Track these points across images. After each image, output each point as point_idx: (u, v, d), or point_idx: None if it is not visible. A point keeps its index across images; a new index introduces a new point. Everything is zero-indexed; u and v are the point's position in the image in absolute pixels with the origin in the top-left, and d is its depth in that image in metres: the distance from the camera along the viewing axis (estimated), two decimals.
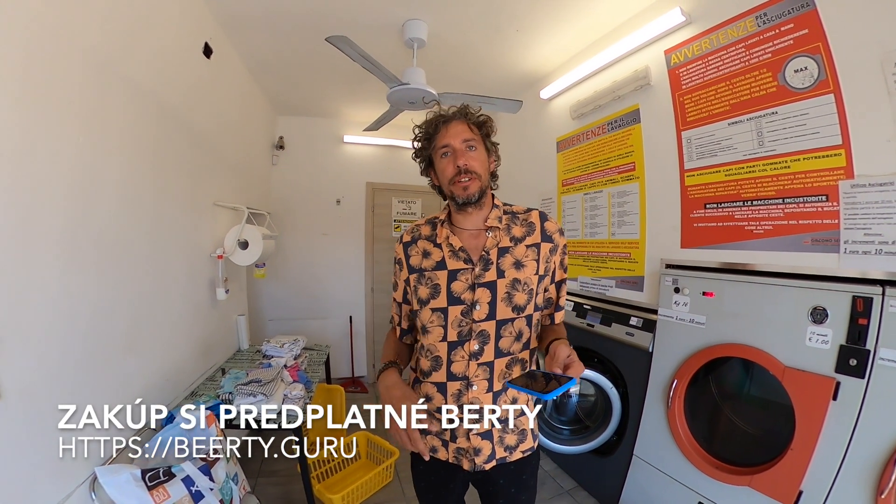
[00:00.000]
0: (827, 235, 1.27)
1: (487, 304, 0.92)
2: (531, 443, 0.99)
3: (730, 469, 1.38)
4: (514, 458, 0.97)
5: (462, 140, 0.93)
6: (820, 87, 1.27)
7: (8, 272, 0.87)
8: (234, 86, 2.32)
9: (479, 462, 0.94)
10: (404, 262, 1.03)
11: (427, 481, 1.07)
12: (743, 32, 1.45)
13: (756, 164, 1.45)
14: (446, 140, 0.93)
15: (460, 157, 0.92)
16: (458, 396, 0.93)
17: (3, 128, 0.84)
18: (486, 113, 1.00)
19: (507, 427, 0.95)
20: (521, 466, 0.99)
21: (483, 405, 0.93)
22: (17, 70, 0.88)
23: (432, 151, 0.97)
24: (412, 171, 4.02)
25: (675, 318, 1.60)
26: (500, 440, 0.95)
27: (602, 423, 1.86)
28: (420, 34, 1.96)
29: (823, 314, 1.18)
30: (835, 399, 1.14)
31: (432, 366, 0.96)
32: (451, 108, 0.97)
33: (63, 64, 1.01)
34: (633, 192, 1.95)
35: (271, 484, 2.03)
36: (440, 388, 0.95)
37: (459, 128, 0.94)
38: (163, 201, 1.57)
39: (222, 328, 2.22)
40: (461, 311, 0.92)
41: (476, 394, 0.92)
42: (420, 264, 0.99)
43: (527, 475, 1.01)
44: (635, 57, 1.88)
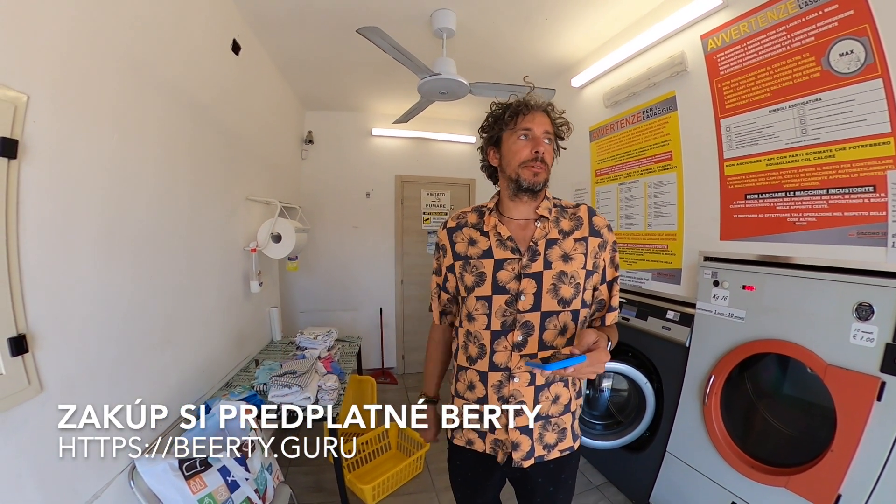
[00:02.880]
0: (874, 228, 1.28)
1: (533, 294, 0.95)
2: (570, 442, 1.02)
3: (766, 469, 1.41)
4: (552, 457, 1.01)
5: (543, 130, 0.98)
6: (867, 71, 1.27)
7: (48, 269, 0.95)
8: (264, 83, 2.48)
9: (517, 458, 0.98)
10: (448, 248, 1.07)
11: (464, 476, 1.12)
12: (784, 15, 1.46)
13: (799, 154, 1.47)
14: (531, 125, 0.98)
15: (539, 145, 0.97)
16: (499, 388, 0.98)
17: (44, 130, 0.94)
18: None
19: (548, 424, 1.00)
20: (560, 465, 1.03)
21: (523, 398, 0.97)
22: (56, 73, 0.97)
23: (507, 131, 1.01)
24: (441, 163, 4.16)
25: (713, 313, 1.64)
26: (539, 437, 0.99)
27: (635, 419, 1.93)
28: (449, 24, 2.05)
29: (869, 310, 1.19)
30: (879, 400, 1.14)
31: (479, 353, 1.00)
32: (542, 98, 1.03)
33: (99, 66, 1.12)
34: (671, 182, 1.99)
35: (302, 473, 2.20)
36: (482, 377, 1.00)
37: (544, 119, 0.99)
38: (197, 197, 1.70)
39: (255, 320, 2.41)
40: (505, 301, 0.96)
41: (517, 386, 0.96)
42: (466, 251, 1.03)
43: (566, 474, 1.05)
44: (670, 42, 1.91)
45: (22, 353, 0.91)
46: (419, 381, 3.63)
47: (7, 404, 0.87)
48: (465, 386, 1.05)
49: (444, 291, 1.11)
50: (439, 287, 1.12)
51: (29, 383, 0.93)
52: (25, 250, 0.91)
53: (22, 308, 0.91)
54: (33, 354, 0.94)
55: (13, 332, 0.89)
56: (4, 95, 0.87)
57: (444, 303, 1.13)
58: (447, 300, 1.13)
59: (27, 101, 0.92)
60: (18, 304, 0.91)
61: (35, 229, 0.93)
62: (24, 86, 0.90)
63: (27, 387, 0.93)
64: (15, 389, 0.90)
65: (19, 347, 0.90)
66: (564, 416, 1.01)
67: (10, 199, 0.90)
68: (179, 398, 1.55)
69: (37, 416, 0.93)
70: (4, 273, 0.87)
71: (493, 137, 1.04)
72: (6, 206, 0.88)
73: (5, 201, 0.88)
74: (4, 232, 0.88)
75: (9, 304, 0.88)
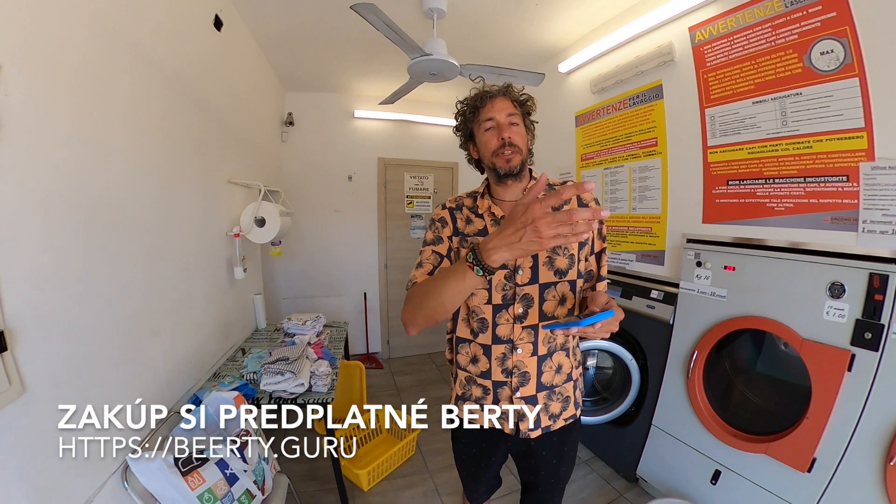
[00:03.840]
0: (846, 215, 1.37)
1: (530, 268, 0.99)
2: (573, 410, 1.06)
3: (747, 437, 1.51)
4: (557, 427, 1.04)
5: (506, 115, 1.00)
6: (845, 70, 1.34)
7: (25, 258, 0.86)
8: (245, 61, 2.31)
9: (524, 429, 1.01)
10: (450, 221, 1.07)
11: (468, 453, 1.15)
12: (770, 12, 1.51)
13: (779, 144, 1.54)
14: (491, 114, 1.00)
15: (504, 131, 0.98)
16: (503, 360, 1.00)
17: (17, 104, 0.83)
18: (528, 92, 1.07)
19: (553, 394, 1.03)
20: (563, 437, 1.07)
21: (527, 369, 1.00)
22: (29, 39, 0.87)
23: (475, 125, 1.04)
24: (424, 146, 4.06)
25: (696, 291, 1.72)
26: (545, 406, 1.02)
27: (620, 395, 2.01)
28: (440, 4, 1.98)
29: (841, 289, 1.28)
30: (849, 370, 1.24)
31: (479, 327, 1.02)
32: (495, 86, 1.04)
33: (71, 32, 0.99)
34: (656, 167, 2.05)
35: (294, 461, 2.15)
36: (486, 350, 1.02)
37: (504, 103, 1.01)
38: (178, 178, 1.57)
39: (239, 308, 2.29)
40: (504, 276, 0.99)
41: (521, 357, 0.99)
42: (464, 229, 1.05)
43: (568, 447, 1.10)
44: (659, 32, 1.94)
45: (1, 351, 0.81)
46: (405, 364, 3.67)
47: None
48: (467, 359, 1.07)
49: (447, 258, 1.04)
50: (438, 255, 1.04)
51: (10, 384, 0.84)
52: (0, 236, 0.81)
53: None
54: (13, 353, 0.84)
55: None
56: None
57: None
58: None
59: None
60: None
61: (9, 214, 0.82)
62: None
63: (8, 388, 0.83)
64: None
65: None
66: (567, 385, 1.05)
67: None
68: (169, 390, 1.47)
69: (20, 419, 0.84)
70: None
71: (466, 133, 1.08)
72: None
73: None
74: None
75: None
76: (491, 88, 1.03)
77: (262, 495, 1.30)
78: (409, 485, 2.04)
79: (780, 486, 1.40)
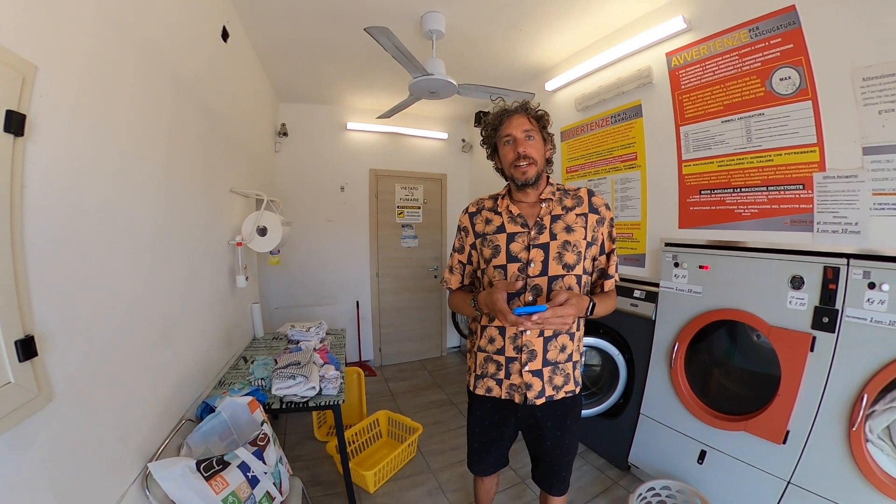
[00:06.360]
0: (803, 218, 1.53)
1: (541, 262, 1.10)
2: (573, 387, 1.18)
3: (727, 418, 1.62)
4: (559, 397, 1.16)
5: (522, 130, 1.11)
6: (800, 94, 1.50)
7: (55, 260, 0.83)
8: (245, 71, 2.28)
9: (531, 397, 1.13)
10: (470, 229, 1.23)
11: (481, 425, 1.25)
12: (737, 42, 1.68)
13: (745, 157, 1.70)
14: (509, 130, 1.12)
15: (520, 146, 1.10)
16: (515, 339, 1.13)
17: (51, 106, 0.81)
18: (544, 109, 1.17)
19: (556, 369, 1.14)
20: (566, 410, 1.18)
21: (534, 347, 1.12)
22: (65, 42, 0.84)
23: (497, 140, 1.16)
24: (414, 158, 4.10)
25: (675, 289, 1.84)
26: (549, 379, 1.14)
27: (609, 388, 2.10)
28: (439, 26, 2.05)
29: (801, 281, 1.42)
30: (812, 350, 1.37)
31: None
32: (514, 104, 1.15)
33: (111, 43, 0.98)
34: (636, 179, 2.18)
35: (298, 468, 2.08)
36: (501, 330, 1.16)
37: (520, 120, 1.12)
38: (188, 187, 1.55)
39: (239, 317, 2.22)
40: (518, 268, 1.11)
41: (529, 338, 1.12)
42: (483, 230, 1.19)
43: (570, 420, 1.20)
44: (639, 57, 2.09)
45: (31, 357, 0.77)
46: (397, 371, 3.64)
47: (18, 417, 0.74)
48: (486, 340, 1.20)
49: (468, 265, 1.26)
50: (461, 263, 1.27)
51: (40, 391, 0.79)
52: (30, 239, 0.77)
53: (28, 305, 0.77)
54: (42, 358, 0.80)
55: (20, 333, 0.75)
56: (12, 63, 0.72)
57: (469, 274, 1.28)
58: (471, 272, 1.28)
59: (35, 72, 0.77)
60: (24, 299, 0.76)
61: (41, 216, 0.79)
62: (32, 54, 0.76)
63: (37, 395, 0.79)
64: (25, 399, 0.76)
65: (28, 351, 0.76)
66: (568, 364, 1.16)
67: (14, 183, 0.75)
68: (180, 397, 1.42)
69: (48, 427, 0.80)
70: (9, 264, 0.73)
71: (490, 147, 1.20)
72: (11, 190, 0.74)
73: (10, 184, 0.74)
74: (9, 219, 0.74)
75: (14, 299, 0.74)
76: (510, 106, 1.14)
77: (280, 497, 1.27)
78: (414, 484, 2.03)
79: (759, 458, 1.51)
